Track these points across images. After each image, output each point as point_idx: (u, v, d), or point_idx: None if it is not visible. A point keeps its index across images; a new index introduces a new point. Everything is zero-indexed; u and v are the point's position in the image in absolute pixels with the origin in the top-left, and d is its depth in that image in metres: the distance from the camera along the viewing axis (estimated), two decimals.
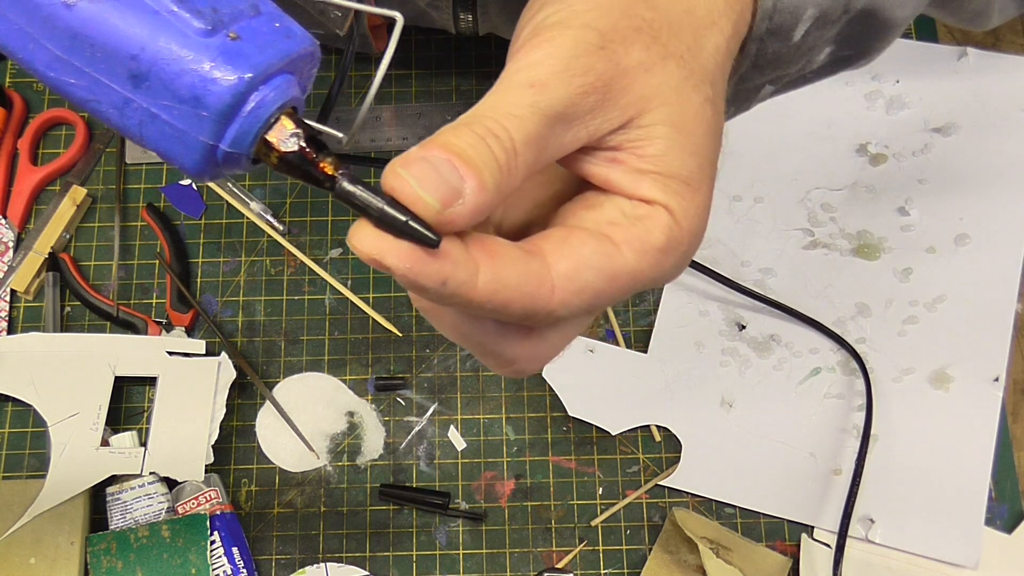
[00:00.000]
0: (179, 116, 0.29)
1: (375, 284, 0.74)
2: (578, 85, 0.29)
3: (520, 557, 0.68)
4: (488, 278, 0.28)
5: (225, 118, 0.29)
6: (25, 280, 0.72)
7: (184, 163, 0.30)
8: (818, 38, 0.40)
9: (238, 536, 0.66)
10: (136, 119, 0.29)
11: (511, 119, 0.28)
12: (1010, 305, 0.71)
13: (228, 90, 0.29)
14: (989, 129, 0.75)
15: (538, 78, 0.29)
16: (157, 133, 0.30)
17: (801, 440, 0.69)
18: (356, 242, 0.28)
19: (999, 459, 0.68)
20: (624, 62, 0.30)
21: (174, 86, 0.28)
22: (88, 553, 0.65)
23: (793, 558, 0.66)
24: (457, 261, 0.28)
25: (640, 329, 0.72)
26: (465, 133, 0.28)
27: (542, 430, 0.70)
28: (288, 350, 0.72)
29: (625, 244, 0.30)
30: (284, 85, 0.30)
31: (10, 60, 0.79)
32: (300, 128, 0.31)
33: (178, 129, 0.29)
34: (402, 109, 0.78)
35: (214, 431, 0.67)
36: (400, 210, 0.27)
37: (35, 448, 0.70)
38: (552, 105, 0.29)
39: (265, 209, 0.75)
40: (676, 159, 0.30)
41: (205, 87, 0.28)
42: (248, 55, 0.29)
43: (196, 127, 0.29)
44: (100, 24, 0.28)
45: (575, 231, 0.30)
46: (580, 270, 0.29)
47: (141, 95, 0.29)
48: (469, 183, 0.27)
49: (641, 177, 0.30)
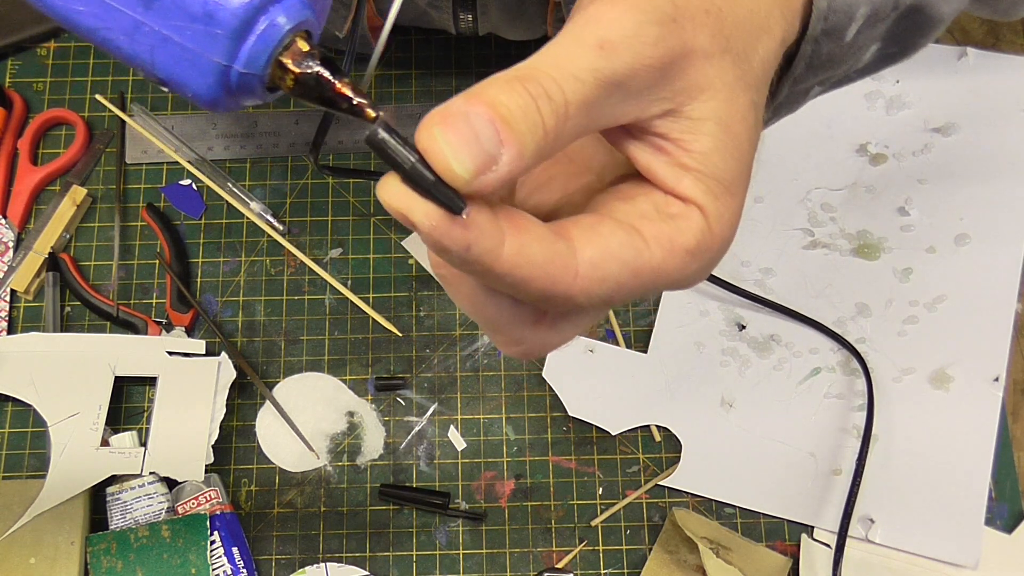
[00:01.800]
0: (191, 36, 0.28)
1: (375, 284, 0.74)
2: (646, 56, 0.27)
3: (520, 557, 0.68)
4: (513, 251, 0.27)
5: (238, 35, 0.28)
6: (25, 280, 0.72)
7: (198, 89, 0.29)
8: (868, 37, 0.39)
9: (238, 536, 0.66)
10: (147, 44, 0.29)
11: (571, 81, 0.26)
12: (1010, 305, 0.71)
13: (241, 6, 0.28)
14: (989, 129, 0.75)
15: (608, 38, 0.27)
16: (169, 57, 0.29)
17: (801, 440, 0.69)
18: (384, 195, 0.26)
19: (999, 459, 0.68)
20: (691, 43, 0.28)
21: (186, 4, 0.28)
22: (88, 553, 0.65)
23: (793, 558, 0.66)
24: (483, 228, 0.26)
25: (640, 329, 0.72)
26: (517, 91, 0.26)
27: (542, 430, 0.70)
28: (288, 350, 0.72)
29: (654, 240, 0.29)
30: (298, 5, 0.30)
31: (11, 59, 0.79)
32: (315, 50, 0.30)
33: (191, 51, 0.28)
34: (402, 109, 0.78)
35: (214, 431, 0.67)
36: (429, 170, 0.25)
37: (35, 448, 0.70)
38: (616, 72, 0.27)
39: (265, 209, 0.75)
40: (720, 160, 0.29)
41: (218, 4, 0.28)
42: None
43: (209, 47, 0.28)
44: None
45: (605, 220, 0.29)
46: (606, 259, 0.28)
47: (152, 16, 0.28)
48: (508, 151, 0.25)
49: (683, 173, 0.29)
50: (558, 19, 0.68)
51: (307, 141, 0.77)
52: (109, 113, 0.77)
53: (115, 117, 0.77)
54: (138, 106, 0.77)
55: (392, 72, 0.79)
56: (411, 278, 0.74)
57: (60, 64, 0.79)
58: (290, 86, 0.30)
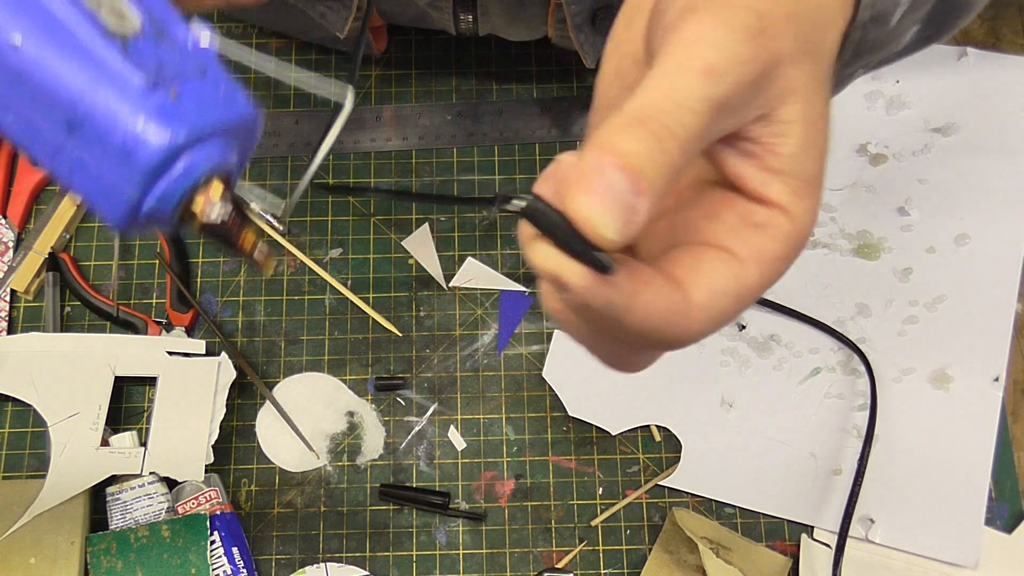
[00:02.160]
0: (108, 168, 0.29)
1: (375, 284, 0.74)
2: (745, 74, 0.28)
3: (520, 557, 0.68)
4: (641, 306, 0.28)
5: (152, 176, 0.29)
6: (25, 280, 0.72)
7: (108, 215, 0.30)
8: (910, 20, 0.40)
9: (238, 536, 0.66)
10: (66, 165, 0.29)
11: (687, 114, 0.27)
12: (1010, 305, 0.71)
13: (158, 149, 0.28)
14: (989, 129, 0.75)
15: (712, 64, 0.27)
16: (85, 182, 0.29)
17: (801, 440, 0.69)
18: (538, 259, 0.27)
19: (999, 459, 0.68)
20: (779, 51, 0.29)
21: (107, 138, 0.28)
22: (88, 553, 0.65)
23: (793, 558, 0.66)
24: (622, 287, 0.27)
25: None
26: (642, 136, 0.26)
27: (542, 430, 0.70)
28: (288, 350, 0.72)
29: (750, 259, 0.30)
30: (218, 151, 0.30)
31: None
32: (229, 197, 0.30)
33: (105, 181, 0.29)
34: (402, 109, 0.78)
35: (214, 431, 0.67)
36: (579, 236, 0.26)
37: (35, 448, 0.70)
38: (724, 95, 0.27)
39: (265, 209, 0.75)
40: (807, 161, 0.30)
41: (136, 142, 0.28)
42: (185, 116, 0.29)
43: (123, 181, 0.29)
44: (44, 69, 0.28)
45: (705, 255, 0.30)
46: (715, 298, 0.29)
47: (74, 142, 0.29)
48: (643, 201, 0.26)
49: (772, 178, 0.30)
50: (559, 19, 0.68)
51: (307, 141, 0.77)
52: None
53: None
54: None
55: (392, 72, 0.80)
56: (411, 278, 0.74)
57: None
58: (197, 228, 0.31)
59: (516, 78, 0.79)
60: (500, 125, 0.78)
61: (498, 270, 0.74)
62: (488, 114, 0.78)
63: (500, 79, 0.79)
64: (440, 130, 0.78)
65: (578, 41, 0.67)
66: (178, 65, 0.30)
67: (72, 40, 0.28)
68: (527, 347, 0.72)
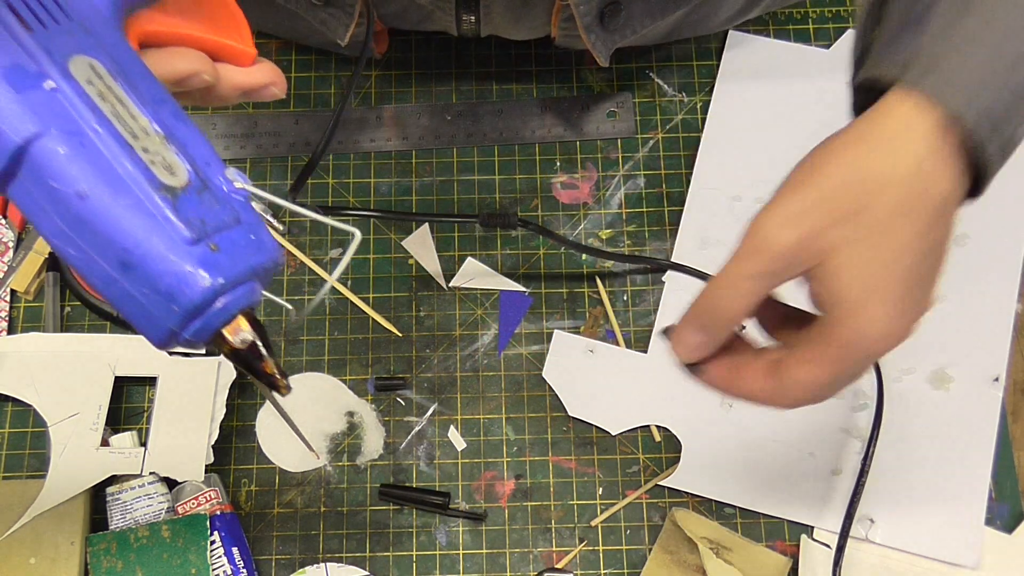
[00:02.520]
0: (154, 304, 0.33)
1: (375, 284, 0.74)
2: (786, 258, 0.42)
3: (520, 557, 0.68)
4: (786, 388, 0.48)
5: (192, 315, 0.33)
6: (25, 280, 0.72)
7: (150, 338, 0.34)
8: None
9: (238, 536, 0.66)
10: (117, 295, 0.33)
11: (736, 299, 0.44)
12: (1010, 305, 0.71)
13: (200, 293, 0.33)
14: None
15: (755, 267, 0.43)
16: (133, 311, 0.34)
17: (801, 440, 0.69)
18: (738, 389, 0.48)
19: (999, 459, 0.68)
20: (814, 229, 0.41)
21: (155, 280, 0.33)
22: (88, 553, 0.65)
23: (793, 558, 0.66)
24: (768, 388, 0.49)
25: (640, 329, 0.72)
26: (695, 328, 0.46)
27: (542, 430, 0.70)
28: (288, 350, 0.72)
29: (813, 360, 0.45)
30: (248, 292, 0.35)
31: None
32: (254, 329, 0.35)
33: (151, 313, 0.33)
34: (402, 109, 0.78)
35: (214, 431, 0.67)
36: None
37: (35, 448, 0.70)
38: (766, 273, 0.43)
39: (265, 209, 0.75)
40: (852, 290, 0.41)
41: (181, 287, 0.33)
42: (223, 266, 0.33)
43: (166, 316, 0.33)
44: (105, 218, 0.32)
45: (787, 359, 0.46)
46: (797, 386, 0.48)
47: (126, 279, 0.33)
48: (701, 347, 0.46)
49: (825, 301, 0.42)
50: (564, 19, 0.68)
51: (307, 141, 0.77)
52: None
53: None
54: None
55: (392, 72, 0.79)
56: (411, 278, 0.74)
57: None
58: (225, 352, 0.36)
59: (516, 78, 0.79)
60: (500, 125, 0.78)
61: (498, 270, 0.74)
62: (488, 114, 0.78)
63: (500, 79, 0.79)
64: (440, 130, 0.78)
65: (589, 41, 0.67)
66: (218, 216, 0.35)
67: (131, 194, 0.33)
68: (527, 347, 0.72)
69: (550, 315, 0.73)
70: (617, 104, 0.78)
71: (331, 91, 0.79)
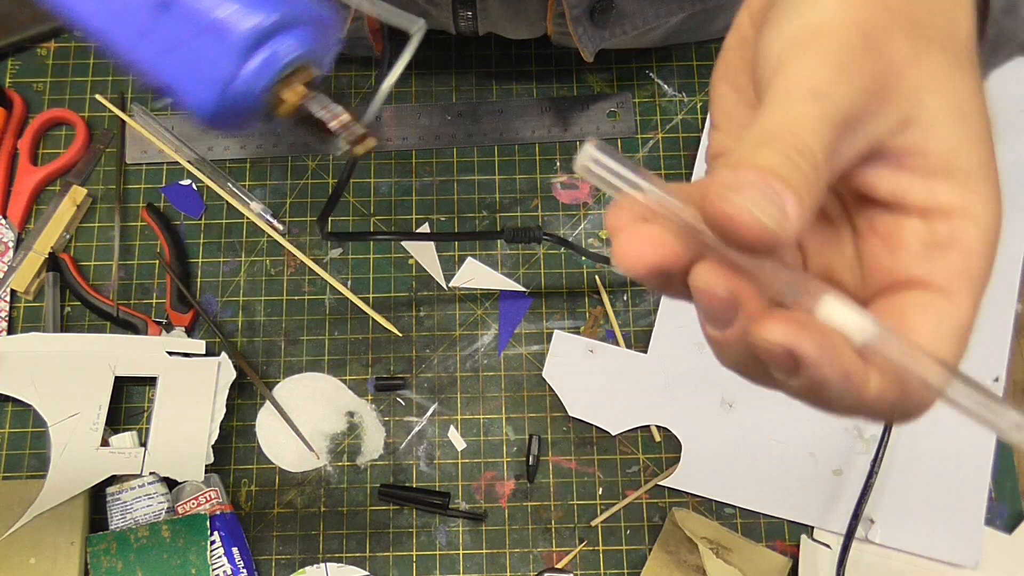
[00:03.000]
0: (200, 46, 0.29)
1: (375, 284, 0.74)
2: (856, 88, 0.27)
3: (520, 557, 0.68)
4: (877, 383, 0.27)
5: (244, 53, 0.30)
6: (25, 280, 0.72)
7: (197, 99, 0.30)
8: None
9: (238, 536, 0.66)
10: (154, 49, 0.29)
11: (807, 132, 0.27)
12: (1010, 305, 0.71)
13: (253, 27, 0.29)
14: None
15: (818, 88, 0.27)
16: (175, 64, 0.30)
17: (801, 440, 0.69)
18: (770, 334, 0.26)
19: (999, 459, 0.68)
20: (892, 57, 0.28)
21: (201, 16, 0.29)
22: (88, 553, 0.65)
23: (793, 558, 0.66)
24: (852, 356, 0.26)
25: (640, 329, 0.72)
26: (770, 153, 0.26)
27: (542, 430, 0.70)
28: (288, 350, 0.72)
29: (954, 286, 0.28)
30: (304, 38, 0.31)
31: (11, 59, 0.79)
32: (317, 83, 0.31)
33: (197, 60, 0.29)
34: (402, 109, 0.78)
35: (214, 431, 0.67)
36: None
37: (35, 448, 0.70)
38: (840, 111, 0.27)
39: (265, 209, 0.75)
40: (966, 151, 0.29)
41: (231, 20, 0.29)
42: (277, 2, 0.30)
43: (215, 59, 0.29)
44: None
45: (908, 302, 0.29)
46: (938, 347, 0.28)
47: (165, 23, 0.29)
48: (790, 206, 0.25)
49: (934, 181, 0.29)
50: (557, 14, 0.68)
51: (307, 141, 0.77)
52: (109, 113, 0.77)
53: (115, 117, 0.77)
54: (138, 106, 0.77)
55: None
56: (411, 278, 0.74)
57: (60, 64, 0.79)
58: (287, 113, 0.31)
59: (516, 78, 0.79)
60: (500, 125, 0.78)
61: (498, 270, 0.74)
62: (488, 114, 0.78)
63: (500, 79, 0.79)
64: (440, 130, 0.78)
65: (576, 35, 0.67)
66: None
67: None
68: (527, 347, 0.72)
69: (550, 315, 0.73)
70: (617, 104, 0.78)
71: (330, 91, 0.79)
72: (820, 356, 0.26)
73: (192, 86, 0.30)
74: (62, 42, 0.80)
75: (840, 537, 0.66)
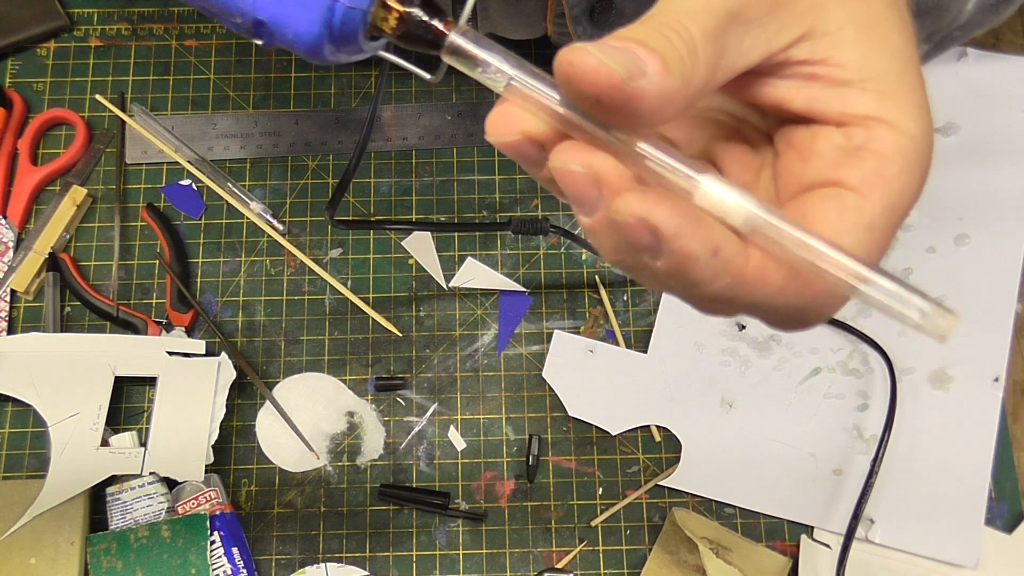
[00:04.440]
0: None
1: (375, 284, 0.74)
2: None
3: (520, 557, 0.68)
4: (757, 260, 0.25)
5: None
6: (25, 280, 0.72)
7: (300, 27, 0.29)
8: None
9: (238, 536, 0.66)
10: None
11: (686, 15, 0.26)
12: (1010, 305, 0.71)
13: None
14: (989, 129, 0.75)
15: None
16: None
17: (801, 440, 0.69)
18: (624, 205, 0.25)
19: (999, 459, 0.68)
20: None
21: None
22: (88, 553, 0.65)
23: (793, 558, 0.66)
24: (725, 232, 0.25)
25: (640, 329, 0.72)
26: (642, 28, 0.26)
27: (542, 430, 0.70)
28: (288, 350, 0.72)
29: (868, 189, 0.26)
30: None
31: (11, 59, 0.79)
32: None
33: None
34: (402, 109, 0.78)
35: (214, 431, 0.67)
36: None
37: (35, 448, 0.70)
38: (724, 3, 0.26)
39: (265, 209, 0.75)
40: (877, 61, 0.27)
41: None
42: None
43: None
44: None
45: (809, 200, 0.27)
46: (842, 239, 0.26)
47: None
48: (651, 64, 0.24)
49: (846, 90, 0.27)
50: (557, 14, 0.68)
51: (307, 141, 0.77)
52: (109, 113, 0.77)
53: (115, 117, 0.77)
54: (138, 106, 0.77)
55: (392, 72, 0.79)
56: (411, 278, 0.74)
57: (60, 64, 0.79)
58: (393, 26, 0.30)
59: None
60: None
61: (498, 270, 0.74)
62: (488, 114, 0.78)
63: None
64: (440, 130, 0.78)
65: (575, 34, 0.67)
66: None
67: None
68: (527, 347, 0.72)
69: (550, 315, 0.73)
70: None
71: (331, 91, 0.79)
72: (679, 225, 0.24)
73: (293, 15, 0.29)
74: (62, 42, 0.80)
75: (840, 537, 0.66)
